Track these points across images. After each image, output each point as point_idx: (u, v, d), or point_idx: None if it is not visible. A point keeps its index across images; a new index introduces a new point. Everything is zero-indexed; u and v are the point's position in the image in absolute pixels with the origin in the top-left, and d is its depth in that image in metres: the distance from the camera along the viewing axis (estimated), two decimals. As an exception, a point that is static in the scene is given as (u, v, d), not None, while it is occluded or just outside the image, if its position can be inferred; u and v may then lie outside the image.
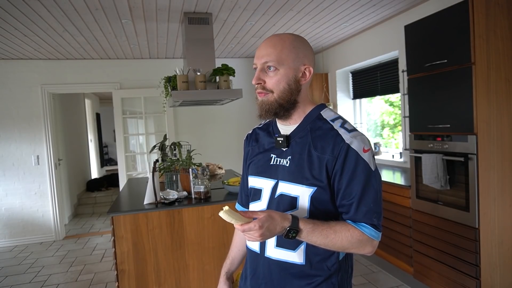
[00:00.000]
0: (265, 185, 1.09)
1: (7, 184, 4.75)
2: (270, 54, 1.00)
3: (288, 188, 1.02)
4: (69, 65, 4.87)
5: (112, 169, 8.84)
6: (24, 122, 4.74)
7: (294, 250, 1.02)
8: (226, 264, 1.31)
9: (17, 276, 3.71)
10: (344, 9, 3.34)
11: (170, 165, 2.83)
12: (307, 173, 0.99)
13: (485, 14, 2.20)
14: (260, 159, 1.13)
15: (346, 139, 0.97)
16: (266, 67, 1.02)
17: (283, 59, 1.00)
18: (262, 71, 1.03)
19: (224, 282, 1.27)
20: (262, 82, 1.03)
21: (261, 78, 1.03)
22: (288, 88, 1.02)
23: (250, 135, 1.24)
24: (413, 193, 2.81)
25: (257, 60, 1.04)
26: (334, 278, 1.02)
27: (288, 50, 1.01)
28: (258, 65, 1.03)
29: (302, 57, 1.03)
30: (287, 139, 1.06)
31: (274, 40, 1.02)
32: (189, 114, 5.33)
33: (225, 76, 3.03)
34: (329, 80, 5.19)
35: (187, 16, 3.21)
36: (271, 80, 1.02)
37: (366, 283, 3.13)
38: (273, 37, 1.04)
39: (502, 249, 2.31)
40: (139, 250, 2.29)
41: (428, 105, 2.60)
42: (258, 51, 1.04)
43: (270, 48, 1.01)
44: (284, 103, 1.02)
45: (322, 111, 1.07)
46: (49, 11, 2.94)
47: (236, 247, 1.32)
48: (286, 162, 1.04)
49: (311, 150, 1.00)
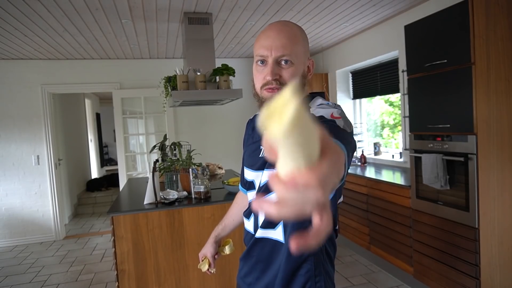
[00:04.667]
0: (255, 177, 1.09)
1: (7, 184, 4.75)
2: (286, 47, 0.91)
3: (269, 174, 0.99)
4: (69, 65, 4.87)
5: (112, 169, 8.84)
6: (24, 122, 4.74)
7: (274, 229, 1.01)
8: (217, 229, 1.38)
9: (17, 276, 3.71)
10: (344, 9, 3.34)
11: (170, 165, 2.83)
12: None
13: (485, 14, 2.20)
14: (252, 149, 1.12)
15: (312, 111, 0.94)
16: (281, 60, 0.93)
17: (298, 52, 0.93)
18: (276, 64, 0.93)
19: (211, 244, 1.36)
20: (279, 77, 0.93)
21: (278, 73, 0.93)
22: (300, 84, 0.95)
23: (250, 120, 1.21)
24: (413, 193, 2.81)
25: (266, 51, 0.92)
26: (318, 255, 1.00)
27: (300, 44, 0.94)
28: (270, 57, 0.92)
29: (307, 49, 0.98)
30: None
31: (285, 31, 0.93)
32: (189, 114, 5.33)
33: (225, 76, 3.03)
34: (329, 80, 5.19)
35: (187, 16, 3.21)
36: (287, 73, 0.93)
37: (366, 283, 3.13)
38: (282, 26, 0.94)
39: (502, 249, 2.31)
40: (139, 250, 2.29)
41: (428, 105, 2.60)
42: (267, 40, 0.92)
43: (285, 39, 0.91)
44: None
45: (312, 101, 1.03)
46: (49, 11, 2.94)
47: (231, 216, 1.38)
48: None
49: None
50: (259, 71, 0.97)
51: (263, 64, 0.96)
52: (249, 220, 1.13)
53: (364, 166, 4.23)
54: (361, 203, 3.56)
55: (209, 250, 1.35)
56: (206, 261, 1.36)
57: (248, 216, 1.14)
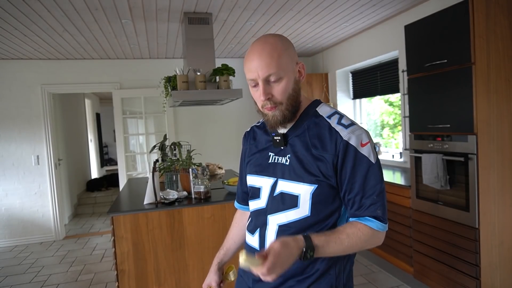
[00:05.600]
0: (264, 183, 1.09)
1: (7, 184, 4.75)
2: (270, 65, 0.96)
3: (289, 186, 1.02)
4: (69, 65, 4.87)
5: (112, 169, 8.84)
6: (24, 122, 4.74)
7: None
8: (219, 254, 1.31)
9: (17, 276, 3.71)
10: (344, 9, 3.34)
11: (170, 165, 2.83)
12: (308, 171, 1.00)
13: (485, 14, 2.20)
14: (258, 157, 1.13)
15: (344, 136, 0.98)
16: (269, 79, 0.98)
17: (283, 65, 0.97)
18: (266, 84, 0.98)
19: (215, 272, 1.28)
20: (271, 96, 0.99)
21: (269, 92, 0.99)
22: (293, 93, 1.01)
23: (248, 133, 1.24)
24: (413, 193, 2.81)
25: (254, 74, 0.98)
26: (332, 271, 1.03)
27: (284, 55, 0.98)
28: (259, 79, 0.98)
29: (293, 56, 1.02)
30: (284, 137, 1.06)
31: (266, 49, 0.97)
32: (189, 114, 5.33)
33: (225, 76, 3.03)
34: (329, 80, 5.19)
35: (187, 16, 3.21)
36: (277, 91, 0.99)
37: (366, 283, 3.13)
38: (262, 45, 0.98)
39: (502, 249, 2.31)
40: (139, 250, 2.29)
41: (428, 105, 2.60)
42: (253, 63, 0.97)
43: (267, 58, 0.96)
44: (292, 109, 1.02)
45: (318, 108, 1.07)
46: (49, 11, 2.94)
47: (232, 238, 1.33)
48: (285, 160, 1.05)
49: (311, 148, 1.01)
50: (254, 93, 1.03)
51: (256, 86, 1.01)
52: (253, 236, 1.10)
53: (364, 166, 4.22)
54: (361, 203, 3.55)
55: (213, 278, 1.28)
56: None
57: (252, 232, 1.11)
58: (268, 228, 1.05)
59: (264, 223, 1.07)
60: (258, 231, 1.08)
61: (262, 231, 1.07)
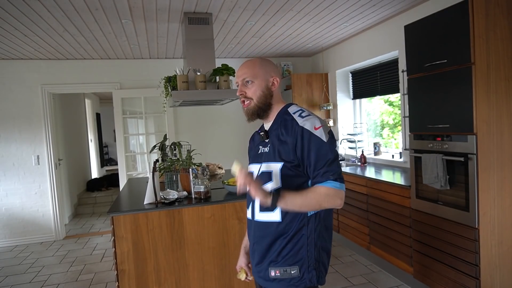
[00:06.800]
0: (255, 168, 1.43)
1: (8, 184, 4.75)
2: (246, 73, 1.39)
3: (266, 166, 1.36)
4: (69, 65, 4.88)
5: (112, 169, 8.85)
6: (24, 122, 4.74)
7: (273, 211, 1.32)
8: (244, 241, 1.62)
9: (17, 276, 3.72)
10: (344, 9, 3.34)
11: (170, 165, 2.83)
12: (277, 152, 1.32)
13: (485, 14, 2.20)
14: (253, 151, 1.49)
15: (300, 123, 1.30)
16: (245, 82, 1.39)
17: (256, 74, 1.38)
18: (243, 85, 1.40)
19: (243, 255, 1.61)
20: (244, 93, 1.39)
21: (243, 90, 1.40)
22: (263, 94, 1.38)
23: (251, 136, 1.60)
24: (413, 193, 2.81)
25: (238, 79, 1.42)
26: (304, 230, 1.30)
27: (258, 68, 1.39)
28: (239, 82, 1.41)
29: (269, 71, 1.40)
30: (266, 133, 1.41)
31: (247, 63, 1.42)
32: (189, 114, 5.33)
33: (225, 76, 3.04)
34: (329, 80, 5.20)
35: (187, 16, 3.21)
36: (250, 90, 1.39)
37: (366, 283, 3.13)
38: (247, 61, 1.43)
39: (502, 249, 2.31)
40: (139, 250, 2.29)
41: (428, 105, 2.60)
42: (237, 72, 1.43)
43: (245, 68, 1.40)
44: (262, 106, 1.39)
45: (289, 108, 1.40)
46: (49, 11, 2.95)
47: None
48: (267, 149, 1.39)
49: (280, 136, 1.34)
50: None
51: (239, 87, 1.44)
52: (248, 209, 1.45)
53: (364, 166, 4.23)
54: (361, 203, 3.56)
55: (243, 261, 1.60)
56: (243, 271, 1.58)
57: (247, 206, 1.45)
58: (255, 201, 1.36)
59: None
60: (250, 205, 1.42)
61: (252, 205, 1.40)
